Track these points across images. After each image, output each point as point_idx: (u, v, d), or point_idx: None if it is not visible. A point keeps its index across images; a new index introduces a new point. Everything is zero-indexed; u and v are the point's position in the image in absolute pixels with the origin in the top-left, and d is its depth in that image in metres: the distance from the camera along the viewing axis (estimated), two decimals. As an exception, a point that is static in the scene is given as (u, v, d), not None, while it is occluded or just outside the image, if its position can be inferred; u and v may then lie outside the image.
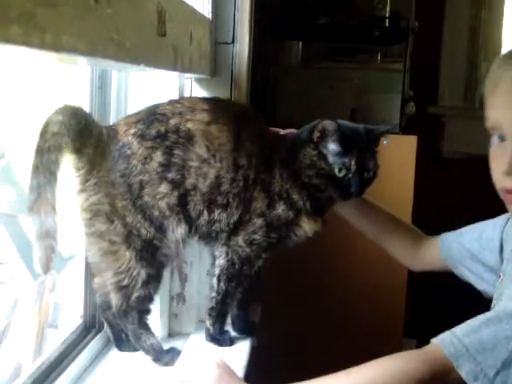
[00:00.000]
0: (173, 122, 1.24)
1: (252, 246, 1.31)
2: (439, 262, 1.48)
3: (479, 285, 1.40)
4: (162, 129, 1.23)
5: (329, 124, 1.28)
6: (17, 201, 2.19)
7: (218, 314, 1.36)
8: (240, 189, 1.27)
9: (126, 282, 1.25)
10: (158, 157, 1.22)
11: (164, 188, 1.23)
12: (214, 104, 1.30)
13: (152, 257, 1.24)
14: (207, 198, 1.26)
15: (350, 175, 1.28)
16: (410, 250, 1.53)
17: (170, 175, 1.23)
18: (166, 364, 1.29)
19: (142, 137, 1.22)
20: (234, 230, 1.30)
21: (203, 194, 1.25)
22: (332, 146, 1.28)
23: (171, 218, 1.24)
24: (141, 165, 1.21)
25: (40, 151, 1.10)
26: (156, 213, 1.23)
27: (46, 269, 1.06)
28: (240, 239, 1.30)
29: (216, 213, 1.27)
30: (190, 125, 1.24)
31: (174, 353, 1.32)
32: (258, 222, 1.30)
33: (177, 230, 1.25)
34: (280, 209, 1.30)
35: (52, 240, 1.06)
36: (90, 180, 1.21)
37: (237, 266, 1.33)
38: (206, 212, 1.27)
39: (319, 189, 1.30)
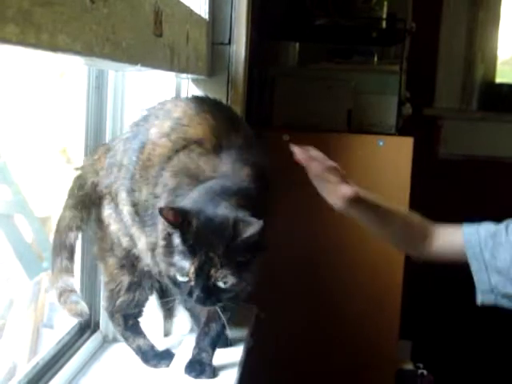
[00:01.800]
0: (142, 126, 1.24)
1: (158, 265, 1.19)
2: (458, 255, 1.39)
3: None
4: (131, 134, 1.25)
5: (175, 213, 1.02)
6: (13, 200, 2.18)
7: None
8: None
9: (111, 286, 1.29)
10: (125, 160, 1.23)
11: (123, 195, 1.23)
12: (188, 112, 1.21)
13: (132, 266, 1.26)
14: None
15: (192, 283, 1.05)
16: (416, 237, 1.43)
17: (126, 182, 1.23)
18: (154, 366, 1.30)
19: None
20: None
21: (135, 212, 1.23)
22: (176, 242, 1.05)
23: (134, 226, 1.23)
24: (117, 171, 1.24)
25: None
26: (125, 218, 1.23)
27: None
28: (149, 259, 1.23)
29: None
30: (152, 131, 1.21)
31: (166, 355, 1.32)
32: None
33: (140, 240, 1.23)
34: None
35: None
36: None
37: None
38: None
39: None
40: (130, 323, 1.31)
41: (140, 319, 1.32)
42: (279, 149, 2.04)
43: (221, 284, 1.04)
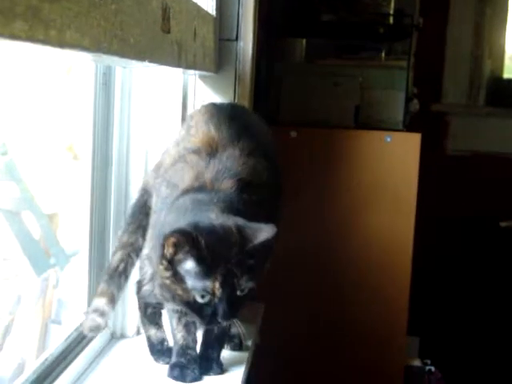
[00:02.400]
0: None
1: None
2: None
3: None
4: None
5: (182, 236, 1.00)
6: (20, 197, 2.19)
7: None
8: None
9: (140, 273, 1.33)
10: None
11: (152, 190, 1.26)
12: (200, 122, 1.23)
13: None
14: None
15: (216, 300, 1.02)
16: None
17: (155, 181, 1.27)
18: (155, 360, 1.31)
19: None
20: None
21: None
22: (189, 265, 1.01)
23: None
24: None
25: None
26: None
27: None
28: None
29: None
30: (176, 136, 1.26)
31: (168, 353, 1.32)
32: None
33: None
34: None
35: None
36: None
37: None
38: None
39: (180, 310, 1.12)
40: (148, 311, 1.32)
41: (163, 311, 1.33)
42: (286, 145, 2.04)
43: (239, 292, 1.03)
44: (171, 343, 1.30)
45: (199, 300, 1.02)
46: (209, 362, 1.24)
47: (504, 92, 3.26)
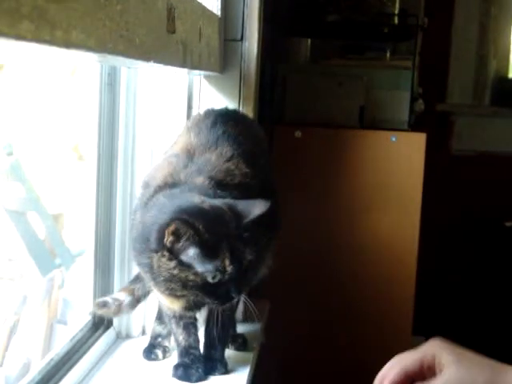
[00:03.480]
0: None
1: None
2: None
3: None
4: None
5: (182, 223, 1.02)
6: (26, 198, 2.20)
7: None
8: None
9: None
10: None
11: None
12: (185, 127, 1.29)
13: None
14: None
15: (227, 276, 1.05)
16: None
17: None
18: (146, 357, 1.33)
19: None
20: None
21: None
22: (193, 251, 1.03)
23: None
24: None
25: None
26: None
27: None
28: None
29: None
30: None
31: (157, 351, 1.33)
32: None
33: None
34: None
35: None
36: None
37: None
38: None
39: (185, 296, 1.11)
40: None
41: None
42: (291, 145, 2.04)
43: (245, 265, 1.07)
44: (168, 343, 1.33)
45: (210, 280, 1.04)
46: (213, 362, 1.23)
47: (509, 92, 3.25)
